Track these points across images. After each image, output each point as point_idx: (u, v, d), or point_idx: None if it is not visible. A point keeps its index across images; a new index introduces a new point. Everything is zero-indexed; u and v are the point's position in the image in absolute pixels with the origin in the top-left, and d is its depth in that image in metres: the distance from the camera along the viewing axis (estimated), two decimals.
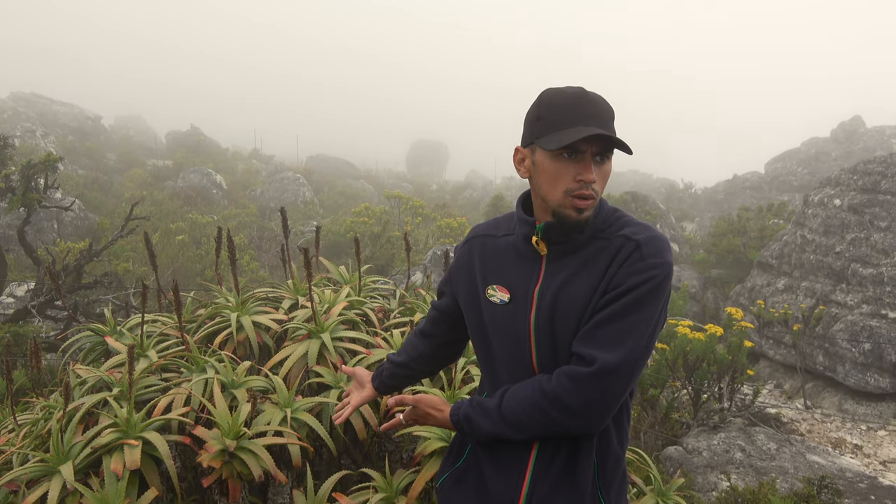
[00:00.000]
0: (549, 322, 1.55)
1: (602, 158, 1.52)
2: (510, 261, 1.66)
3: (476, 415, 1.60)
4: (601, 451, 1.61)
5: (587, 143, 1.48)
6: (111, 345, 3.20)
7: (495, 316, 1.65)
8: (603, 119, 1.49)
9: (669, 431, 5.58)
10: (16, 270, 9.33)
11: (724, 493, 3.45)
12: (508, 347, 1.63)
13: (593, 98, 1.51)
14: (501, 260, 1.68)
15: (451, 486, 1.79)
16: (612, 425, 1.62)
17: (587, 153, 1.49)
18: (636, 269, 1.48)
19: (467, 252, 1.76)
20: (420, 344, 1.99)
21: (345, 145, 39.77)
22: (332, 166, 29.09)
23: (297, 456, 2.61)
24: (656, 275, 1.48)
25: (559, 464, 1.58)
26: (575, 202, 1.50)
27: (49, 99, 28.43)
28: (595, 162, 1.51)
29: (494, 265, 1.68)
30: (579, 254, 1.57)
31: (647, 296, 1.48)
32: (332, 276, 4.03)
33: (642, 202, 14.28)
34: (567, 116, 1.49)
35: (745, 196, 21.56)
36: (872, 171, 9.02)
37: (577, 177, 1.50)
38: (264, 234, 13.65)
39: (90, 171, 19.05)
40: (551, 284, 1.57)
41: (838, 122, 23.73)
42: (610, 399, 1.48)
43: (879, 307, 7.81)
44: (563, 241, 1.57)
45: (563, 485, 1.59)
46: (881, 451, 6.35)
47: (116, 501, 2.22)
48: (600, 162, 1.52)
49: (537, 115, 1.54)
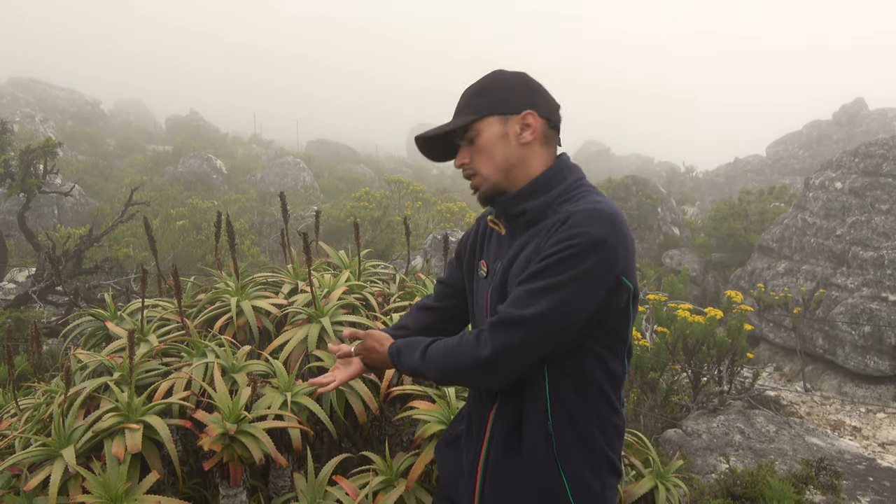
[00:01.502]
0: (499, 293, 1.66)
1: (465, 141, 1.69)
2: (492, 238, 1.80)
3: (405, 349, 1.71)
4: (557, 423, 1.58)
5: (434, 145, 1.75)
6: (112, 330, 3.21)
7: (477, 288, 1.81)
8: (457, 110, 1.69)
9: (669, 414, 5.61)
10: (16, 256, 9.34)
11: (723, 475, 3.47)
12: (480, 317, 1.78)
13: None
14: (489, 238, 1.82)
15: (444, 445, 1.95)
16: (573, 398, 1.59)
17: (441, 150, 1.76)
18: (557, 239, 1.51)
19: (473, 230, 1.91)
20: (423, 317, 2.05)
21: (345, 130, 39.67)
22: (333, 151, 29.01)
23: (298, 439, 2.62)
24: (572, 244, 1.47)
25: (508, 429, 1.64)
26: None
27: (48, 84, 28.32)
28: (467, 144, 1.69)
29: (485, 243, 1.83)
30: (533, 228, 1.64)
31: (558, 263, 1.48)
32: (331, 260, 4.03)
33: (643, 186, 14.23)
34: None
35: (746, 179, 21.51)
36: (874, 154, 8.99)
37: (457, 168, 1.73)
38: (264, 219, 13.64)
39: (90, 157, 19.02)
40: (507, 259, 1.66)
41: (840, 105, 23.59)
42: (508, 355, 1.50)
43: (880, 290, 7.81)
44: (516, 214, 1.66)
45: (512, 451, 1.63)
46: (880, 433, 6.38)
47: (118, 485, 2.23)
48: (469, 144, 1.68)
49: None
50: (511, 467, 1.62)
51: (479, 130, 1.63)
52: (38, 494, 2.29)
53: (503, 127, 1.62)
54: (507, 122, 1.62)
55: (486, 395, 1.72)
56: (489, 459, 1.66)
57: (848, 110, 23.28)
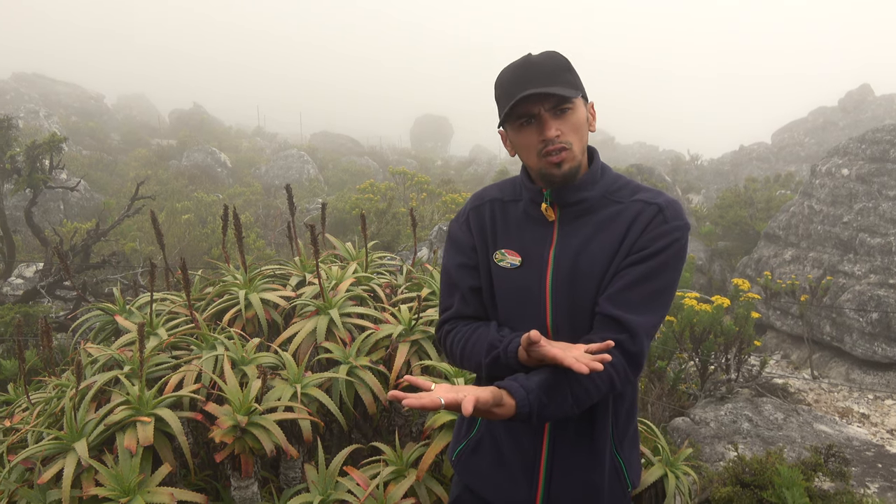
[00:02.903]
0: (568, 283, 1.58)
1: (559, 112, 1.53)
2: (520, 225, 1.68)
3: (540, 406, 1.43)
4: (616, 409, 1.67)
5: (533, 104, 1.50)
6: (121, 323, 3.22)
7: (506, 279, 1.66)
8: (545, 77, 1.50)
9: (677, 403, 5.61)
10: (24, 251, 9.37)
11: (732, 463, 3.47)
12: (521, 309, 1.64)
13: (535, 61, 1.53)
14: (510, 224, 1.69)
15: (468, 455, 1.80)
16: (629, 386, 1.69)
17: (540, 114, 1.51)
18: (662, 232, 1.53)
19: (474, 223, 1.74)
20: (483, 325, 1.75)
21: (349, 121, 39.64)
22: (337, 143, 28.99)
23: (308, 431, 2.63)
24: (680, 237, 1.54)
25: (576, 423, 1.63)
26: (549, 159, 1.53)
27: (51, 79, 28.35)
28: (554, 117, 1.52)
29: (504, 230, 1.69)
30: (592, 216, 1.60)
31: (672, 259, 1.53)
32: (338, 252, 4.04)
33: (648, 174, 14.19)
34: (511, 88, 1.52)
35: (751, 167, 21.41)
36: (881, 140, 8.93)
37: (540, 138, 1.53)
38: (270, 212, 13.66)
39: (94, 152, 19.04)
40: (568, 246, 1.59)
41: (846, 91, 23.44)
42: (644, 359, 1.54)
43: (887, 276, 7.78)
44: (575, 202, 1.59)
45: (582, 443, 1.64)
46: (888, 419, 6.37)
47: (131, 477, 2.24)
48: (560, 115, 1.53)
49: (496, 97, 1.60)
50: (582, 456, 1.64)
51: (574, 107, 1.54)
52: (52, 487, 2.31)
53: (584, 110, 1.58)
54: (585, 106, 1.60)
55: None
56: (554, 451, 1.64)
57: (854, 96, 23.15)
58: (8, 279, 7.54)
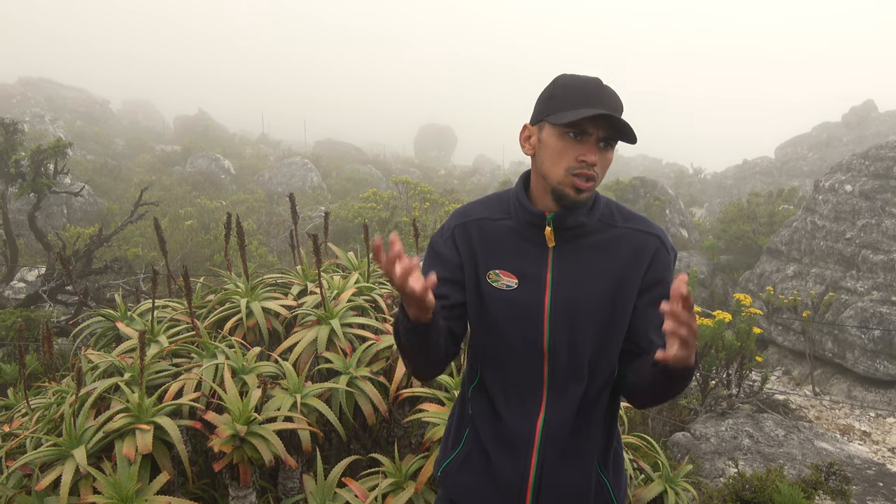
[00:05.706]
0: (567, 306, 1.60)
1: (606, 145, 1.55)
2: (513, 245, 1.65)
3: None
4: (607, 430, 1.72)
5: (594, 126, 1.51)
6: (122, 330, 3.22)
7: (501, 301, 1.63)
8: (614, 108, 1.53)
9: (677, 417, 5.59)
10: (26, 255, 9.39)
11: (732, 479, 3.46)
12: (516, 330, 1.63)
13: (607, 88, 1.55)
14: (502, 245, 1.66)
15: (455, 470, 1.78)
16: (614, 401, 1.74)
17: (593, 136, 1.52)
18: (667, 264, 1.66)
19: (464, 233, 1.69)
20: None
21: (352, 130, 39.72)
22: (340, 151, 29.06)
23: (307, 441, 2.62)
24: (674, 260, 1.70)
25: (565, 436, 1.64)
26: (575, 181, 1.53)
27: (57, 83, 28.47)
28: (599, 147, 1.54)
29: (495, 250, 1.66)
30: (587, 238, 1.62)
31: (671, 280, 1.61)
32: (340, 261, 4.04)
33: (651, 187, 14.20)
34: (579, 98, 1.52)
35: (754, 181, 21.42)
36: (885, 157, 8.93)
37: (580, 157, 1.52)
38: (273, 220, 13.68)
39: (99, 156, 19.11)
40: (566, 269, 1.61)
41: (850, 107, 23.47)
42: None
43: (890, 294, 7.76)
44: (574, 226, 1.61)
45: (570, 457, 1.66)
46: (890, 437, 6.34)
47: (129, 485, 2.24)
48: (604, 148, 1.55)
49: (551, 94, 1.57)
50: (567, 473, 1.66)
51: (614, 148, 1.59)
52: (50, 494, 2.31)
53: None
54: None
55: (529, 402, 1.66)
56: (542, 467, 1.65)
57: (858, 112, 23.16)
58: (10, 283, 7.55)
